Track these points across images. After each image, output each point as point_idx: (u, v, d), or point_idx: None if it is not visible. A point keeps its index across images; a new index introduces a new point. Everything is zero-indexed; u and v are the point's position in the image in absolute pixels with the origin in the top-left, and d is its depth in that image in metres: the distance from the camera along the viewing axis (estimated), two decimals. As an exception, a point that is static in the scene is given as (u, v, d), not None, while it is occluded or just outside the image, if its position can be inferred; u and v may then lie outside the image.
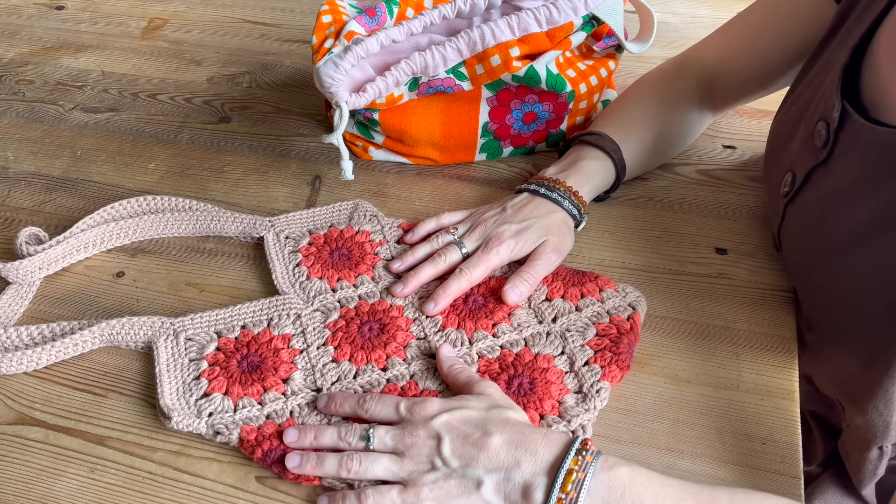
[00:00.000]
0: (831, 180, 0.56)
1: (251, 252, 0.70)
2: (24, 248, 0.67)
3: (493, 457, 0.48)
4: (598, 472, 0.46)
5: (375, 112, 0.74)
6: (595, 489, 0.46)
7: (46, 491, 0.54)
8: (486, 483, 0.48)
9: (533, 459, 0.48)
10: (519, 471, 0.47)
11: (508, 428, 0.50)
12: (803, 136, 0.59)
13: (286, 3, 1.07)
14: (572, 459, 0.47)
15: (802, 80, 0.63)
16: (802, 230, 0.61)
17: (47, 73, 0.95)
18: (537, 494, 0.46)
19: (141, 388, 0.60)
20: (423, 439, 0.50)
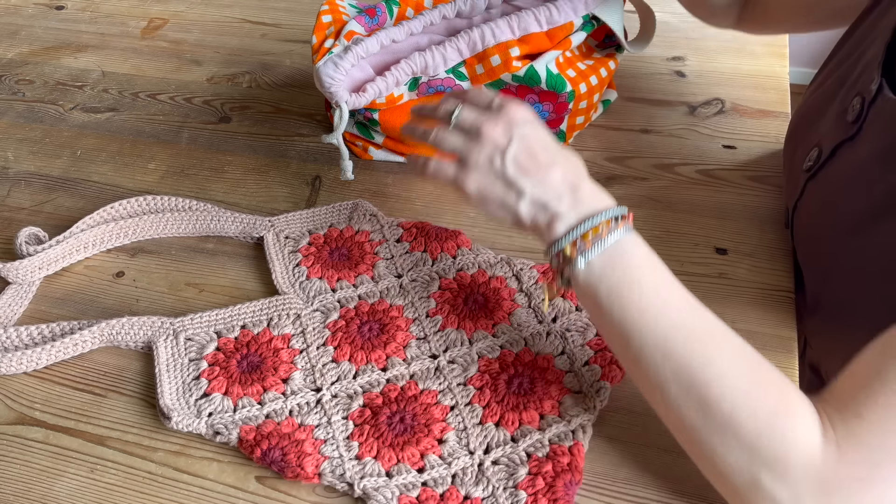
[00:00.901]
0: (855, 156, 0.55)
1: (251, 252, 0.70)
2: (23, 248, 0.67)
3: (545, 182, 0.51)
4: (621, 241, 0.49)
5: (375, 112, 0.74)
6: (610, 251, 0.48)
7: (46, 491, 0.54)
8: (525, 199, 0.51)
9: (575, 202, 0.50)
10: (558, 203, 0.50)
11: (572, 168, 0.52)
12: (836, 112, 0.58)
13: (286, 3, 1.07)
14: (606, 220, 0.49)
15: (836, 56, 0.63)
16: (820, 207, 0.60)
17: (47, 73, 0.95)
18: (559, 228, 0.50)
19: (141, 388, 0.60)
20: (498, 133, 0.53)
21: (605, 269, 0.48)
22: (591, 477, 0.53)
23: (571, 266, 0.49)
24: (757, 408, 0.43)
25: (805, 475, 0.42)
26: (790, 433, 0.43)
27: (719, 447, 0.44)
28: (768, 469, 0.43)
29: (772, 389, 0.45)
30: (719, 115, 0.83)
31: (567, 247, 0.49)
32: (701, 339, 0.46)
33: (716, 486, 0.47)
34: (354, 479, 0.52)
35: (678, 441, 0.49)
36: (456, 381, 0.57)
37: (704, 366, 0.45)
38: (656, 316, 0.47)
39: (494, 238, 0.70)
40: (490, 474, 0.52)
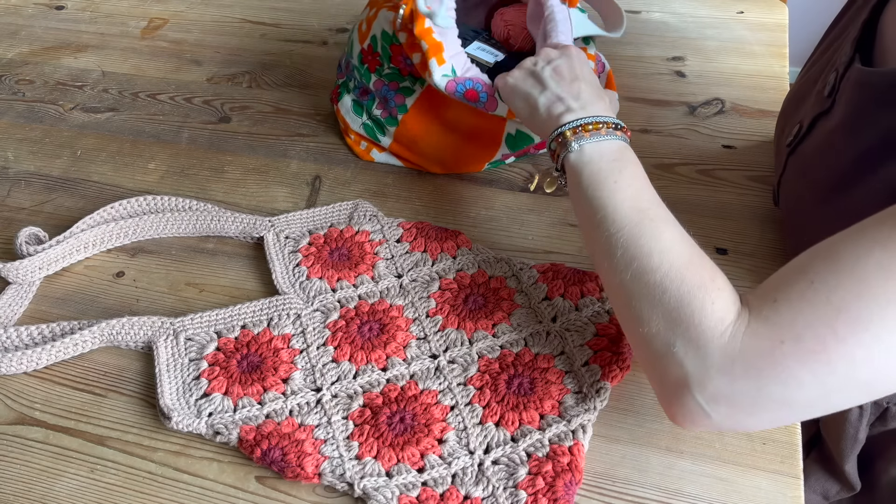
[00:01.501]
0: (828, 126, 0.58)
1: (251, 252, 0.70)
2: (24, 248, 0.67)
3: (570, 87, 0.60)
4: (616, 141, 0.56)
5: (401, 112, 0.74)
6: (603, 144, 0.55)
7: (46, 491, 0.54)
8: (547, 92, 0.61)
9: (587, 105, 0.58)
10: (573, 102, 0.59)
11: (598, 93, 0.61)
12: (817, 90, 0.61)
13: (286, 3, 1.07)
14: (607, 122, 0.57)
15: (823, 42, 0.65)
16: (798, 178, 0.62)
17: (47, 73, 0.95)
18: (567, 116, 0.58)
19: (141, 388, 0.60)
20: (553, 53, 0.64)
21: (592, 157, 0.55)
22: (591, 477, 0.53)
23: (566, 148, 0.56)
24: (685, 280, 0.48)
25: (713, 344, 0.45)
26: (708, 306, 0.46)
27: (645, 311, 0.48)
28: (682, 336, 0.46)
29: (703, 272, 0.49)
30: (719, 115, 0.83)
31: (568, 131, 0.56)
32: (655, 222, 0.51)
33: (636, 351, 0.51)
34: (354, 479, 0.52)
35: (613, 306, 0.54)
36: (456, 381, 0.57)
37: (652, 240, 0.50)
38: (624, 198, 0.52)
39: (494, 238, 0.70)
40: (490, 474, 0.52)
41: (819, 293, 0.43)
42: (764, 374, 0.44)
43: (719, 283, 0.48)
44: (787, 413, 0.46)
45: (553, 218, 0.72)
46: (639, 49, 0.93)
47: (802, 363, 0.43)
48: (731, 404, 0.45)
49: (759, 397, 0.44)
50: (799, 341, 0.43)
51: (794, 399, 0.44)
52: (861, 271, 0.42)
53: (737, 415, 0.46)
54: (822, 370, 0.42)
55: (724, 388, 0.45)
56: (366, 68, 0.77)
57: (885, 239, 0.42)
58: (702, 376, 0.45)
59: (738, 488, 0.52)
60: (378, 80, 0.76)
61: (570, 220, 0.72)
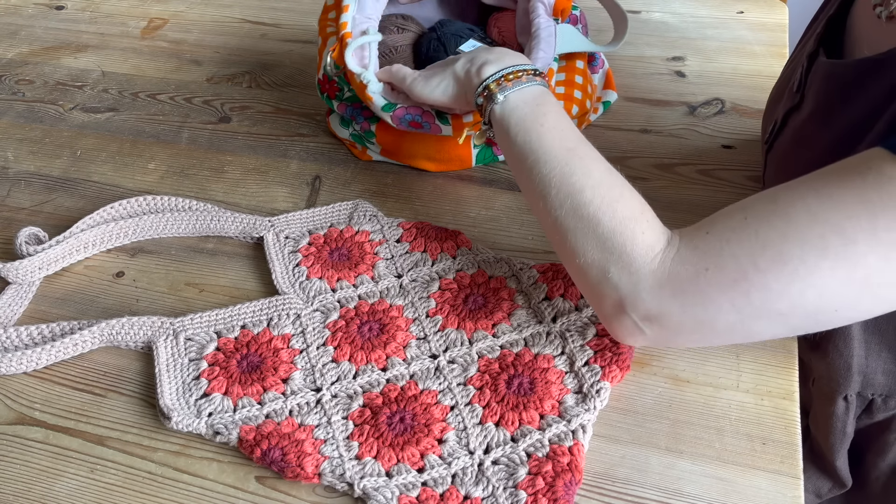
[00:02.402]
0: (799, 120, 0.60)
1: (251, 252, 0.70)
2: (23, 248, 0.67)
3: (478, 52, 0.63)
4: (536, 86, 0.58)
5: (373, 124, 0.74)
6: (525, 91, 0.58)
7: (46, 491, 0.54)
8: (459, 62, 0.63)
9: (501, 58, 0.61)
10: (486, 56, 0.61)
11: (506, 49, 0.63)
12: (789, 87, 0.63)
13: (286, 3, 1.07)
14: (527, 69, 0.59)
15: (800, 43, 0.66)
16: (776, 173, 0.64)
17: (47, 73, 0.95)
18: (486, 70, 0.60)
19: (141, 388, 0.60)
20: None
21: (517, 104, 0.57)
22: (591, 477, 0.53)
23: (492, 101, 0.58)
24: (616, 212, 0.51)
25: (644, 270, 0.49)
26: (639, 235, 0.50)
27: (581, 243, 0.52)
28: (615, 263, 0.50)
29: (633, 203, 0.52)
30: (719, 115, 0.83)
31: (491, 84, 0.59)
32: (585, 160, 0.54)
33: (576, 280, 0.55)
34: (354, 479, 0.52)
35: (551, 243, 0.56)
36: (456, 381, 0.57)
37: (583, 177, 0.53)
38: (552, 139, 0.55)
39: (494, 238, 0.70)
40: (490, 474, 0.52)
41: (749, 228, 0.46)
42: (688, 297, 0.48)
43: (648, 215, 0.52)
44: (711, 335, 0.50)
45: (553, 218, 0.72)
46: (639, 49, 0.93)
47: (722, 290, 0.47)
48: (660, 323, 0.50)
49: (684, 318, 0.49)
50: (721, 269, 0.47)
51: (715, 322, 0.48)
52: (793, 214, 0.45)
53: (666, 332, 0.50)
54: (740, 298, 0.46)
55: (654, 309, 0.49)
56: (325, 96, 0.78)
57: (820, 188, 0.45)
58: (634, 298, 0.49)
59: (737, 488, 0.52)
60: (340, 104, 0.77)
61: (570, 220, 0.72)
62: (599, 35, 0.91)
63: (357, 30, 0.71)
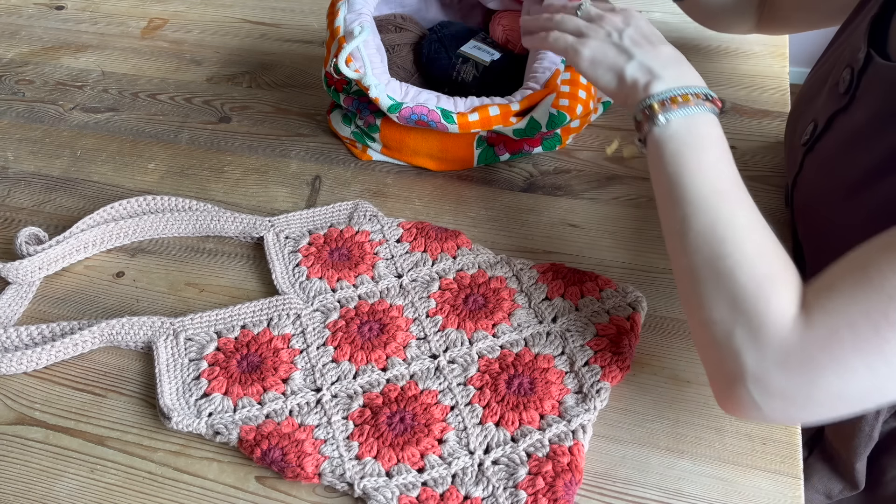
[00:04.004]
0: (850, 123, 0.58)
1: (251, 252, 0.70)
2: (24, 248, 0.67)
3: (655, 54, 0.58)
4: (703, 114, 0.54)
5: (378, 118, 0.74)
6: (689, 118, 0.53)
7: (46, 491, 0.54)
8: (634, 61, 0.57)
9: (678, 74, 0.56)
10: (661, 70, 0.56)
11: (679, 55, 0.59)
12: (829, 88, 0.61)
13: (286, 3, 1.07)
14: (698, 93, 0.54)
15: (834, 43, 0.65)
16: (818, 176, 0.62)
17: (47, 73, 0.95)
18: (656, 87, 0.55)
19: (141, 388, 0.60)
20: (618, 18, 0.61)
21: (678, 131, 0.53)
22: (591, 477, 0.53)
23: (652, 122, 0.54)
24: (755, 270, 0.47)
25: (773, 338, 0.45)
26: (774, 299, 0.46)
27: (710, 296, 0.48)
28: (744, 326, 0.46)
29: (775, 260, 0.48)
30: (719, 115, 0.83)
31: (655, 104, 0.54)
32: (733, 207, 0.50)
33: (695, 333, 0.51)
34: (354, 479, 0.52)
35: (676, 284, 0.53)
36: (456, 381, 0.57)
37: (727, 226, 0.49)
38: (704, 179, 0.51)
39: (494, 238, 0.70)
40: (490, 474, 0.52)
41: (873, 282, 0.43)
42: (819, 365, 0.44)
43: (789, 275, 0.48)
44: (842, 405, 0.45)
45: (553, 218, 0.72)
46: (639, 49, 0.93)
47: (856, 351, 0.43)
48: (785, 398, 0.45)
49: (814, 390, 0.44)
50: (853, 329, 0.43)
51: (849, 391, 0.44)
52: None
53: (790, 409, 0.46)
54: (876, 359, 0.43)
55: (780, 383, 0.45)
56: (332, 89, 0.78)
57: None
58: (758, 370, 0.45)
59: (738, 488, 0.52)
60: (347, 97, 0.77)
61: (570, 220, 0.72)
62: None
63: (348, 30, 0.71)
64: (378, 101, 0.70)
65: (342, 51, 0.69)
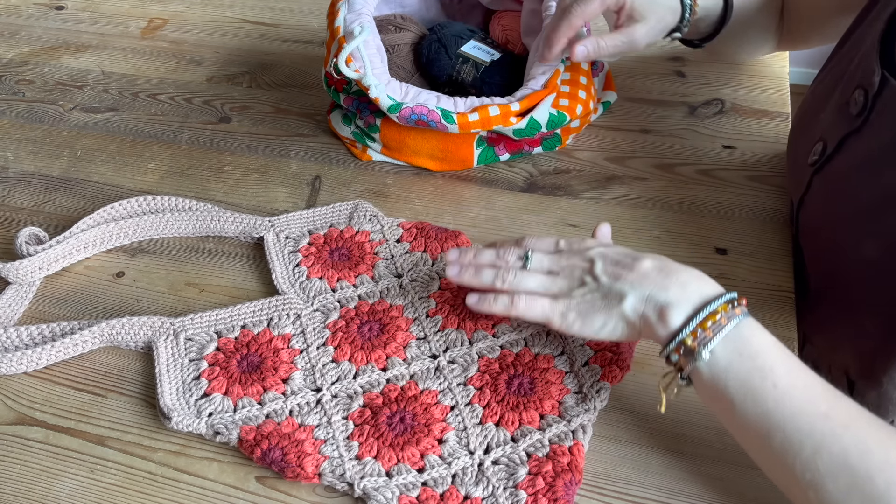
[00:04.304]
0: (864, 147, 0.56)
1: (251, 252, 0.70)
2: (24, 248, 0.67)
3: (642, 277, 0.49)
4: (741, 325, 0.46)
5: (378, 118, 0.74)
6: (732, 338, 0.45)
7: (46, 491, 0.54)
8: (628, 299, 0.49)
9: (682, 289, 0.48)
10: (664, 293, 0.48)
11: (661, 259, 0.51)
12: (837, 105, 0.59)
13: (286, 3, 1.07)
14: (722, 304, 0.46)
15: (837, 54, 0.64)
16: (829, 198, 0.60)
17: (47, 73, 0.95)
18: (675, 318, 0.47)
19: (141, 388, 0.60)
20: (577, 261, 0.53)
21: (731, 359, 0.45)
22: (591, 477, 0.53)
23: (694, 359, 0.46)
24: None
25: None
26: None
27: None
28: None
29: None
30: (719, 116, 0.83)
31: (688, 338, 0.46)
32: (851, 428, 0.42)
33: None
34: (354, 479, 0.52)
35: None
36: (456, 381, 0.57)
37: (863, 456, 0.41)
38: (799, 406, 0.43)
39: (494, 238, 0.70)
40: (490, 474, 0.52)
41: None
42: None
43: None
44: None
45: (553, 218, 0.72)
46: (639, 49, 0.93)
47: None
48: None
49: None
50: None
51: None
52: None
53: None
54: None
55: None
56: (332, 89, 0.78)
57: None
58: None
59: (738, 488, 0.52)
60: (347, 97, 0.77)
61: (569, 221, 0.72)
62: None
63: (348, 30, 0.71)
64: (378, 101, 0.70)
65: (342, 51, 0.69)
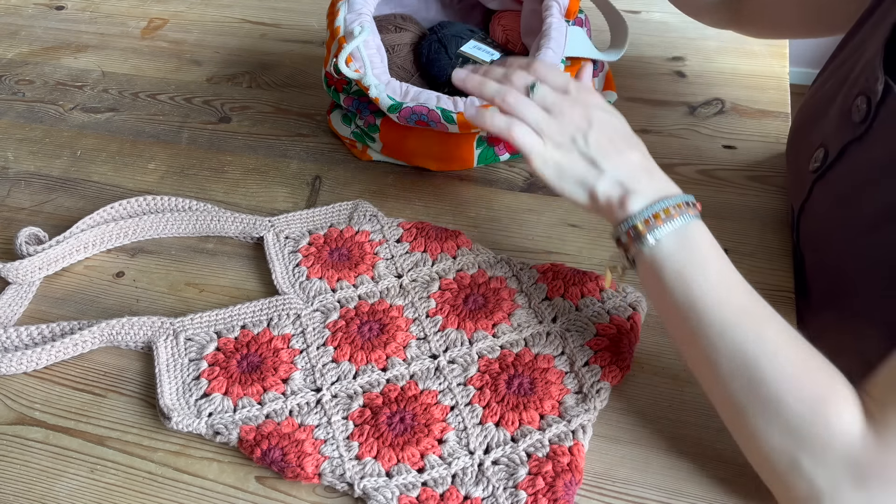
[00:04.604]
0: (867, 155, 0.56)
1: (251, 252, 0.70)
2: (24, 248, 0.67)
3: (625, 165, 0.53)
4: (690, 224, 0.50)
5: (378, 118, 0.74)
6: (678, 232, 0.50)
7: (46, 491, 0.54)
8: (604, 178, 0.53)
9: (649, 183, 0.52)
10: (634, 183, 0.52)
11: (647, 156, 0.55)
12: (839, 112, 0.59)
13: (286, 3, 1.07)
14: (677, 203, 0.51)
15: (837, 56, 0.63)
16: (831, 207, 0.60)
17: (47, 73, 0.95)
18: (634, 205, 0.51)
19: (141, 388, 0.60)
20: (578, 115, 0.55)
21: (672, 249, 0.50)
22: (591, 477, 0.53)
23: (640, 242, 0.50)
24: (803, 392, 0.44)
25: (844, 461, 0.43)
26: (834, 419, 0.43)
27: (763, 428, 0.45)
28: (809, 453, 0.44)
29: (819, 375, 0.45)
30: (719, 116, 0.83)
31: (639, 223, 0.50)
32: (757, 322, 0.47)
33: (756, 467, 0.48)
34: (354, 479, 0.52)
35: (723, 420, 0.50)
36: (456, 381, 0.57)
37: (757, 345, 0.46)
38: (719, 297, 0.48)
39: (494, 238, 0.70)
40: (490, 474, 0.52)
41: None
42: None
43: (838, 387, 0.45)
44: None
45: (553, 218, 0.72)
46: (639, 49, 0.93)
47: None
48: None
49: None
50: None
51: None
52: None
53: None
54: None
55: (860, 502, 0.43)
56: (332, 89, 0.78)
57: None
58: (835, 494, 0.43)
59: (738, 488, 0.52)
60: (347, 97, 0.77)
61: (570, 221, 0.72)
62: (599, 35, 0.91)
63: (348, 30, 0.71)
64: (378, 100, 0.70)
65: (342, 51, 0.69)
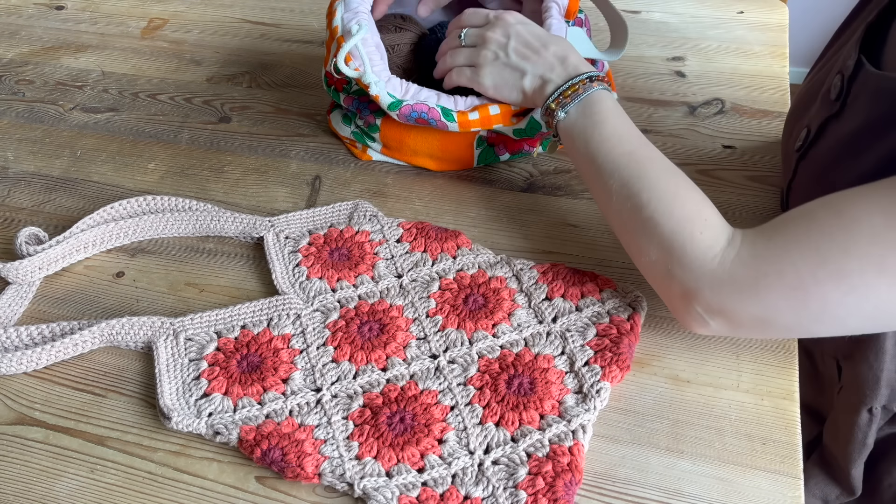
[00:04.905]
0: (841, 130, 0.59)
1: (251, 252, 0.70)
2: (23, 248, 0.67)
3: (541, 61, 0.65)
4: (593, 94, 0.61)
5: (378, 118, 0.74)
6: (583, 103, 0.61)
7: (46, 491, 0.54)
8: (527, 76, 0.65)
9: (563, 69, 0.64)
10: (550, 73, 0.64)
11: (561, 45, 0.66)
12: (823, 93, 0.62)
13: (286, 3, 1.07)
14: (582, 79, 0.62)
15: (831, 48, 0.66)
16: (812, 183, 0.63)
17: (47, 73, 0.95)
18: (549, 89, 0.64)
19: (141, 388, 0.60)
20: (498, 34, 0.67)
21: (578, 116, 0.61)
22: (591, 477, 0.53)
23: (554, 118, 0.62)
24: (673, 214, 0.54)
25: (703, 269, 0.52)
26: (698, 235, 0.52)
27: (643, 244, 0.56)
28: (676, 262, 0.53)
29: (689, 203, 0.55)
30: (719, 115, 0.83)
31: (552, 103, 0.63)
32: (641, 162, 0.57)
33: (644, 274, 0.58)
34: (354, 479, 0.52)
35: (620, 241, 0.60)
36: (456, 381, 0.57)
37: (639, 179, 0.56)
38: (611, 147, 0.59)
39: (494, 238, 0.70)
40: (490, 474, 0.52)
41: (811, 240, 0.48)
42: (748, 297, 0.50)
43: (706, 213, 0.54)
44: (772, 331, 0.53)
45: (553, 218, 0.72)
46: (639, 49, 0.93)
47: (782, 295, 0.49)
48: (724, 317, 0.52)
49: (745, 315, 0.51)
50: (781, 277, 0.49)
51: (775, 321, 0.51)
52: (856, 231, 0.46)
53: (729, 325, 0.53)
54: (798, 305, 0.49)
55: (716, 304, 0.51)
56: (332, 89, 0.78)
57: (887, 204, 0.46)
58: (697, 293, 0.52)
59: (738, 488, 0.52)
60: (347, 97, 0.77)
61: (570, 221, 0.72)
62: (599, 35, 0.91)
63: (346, 29, 0.71)
64: (378, 98, 0.70)
65: (341, 49, 0.69)
